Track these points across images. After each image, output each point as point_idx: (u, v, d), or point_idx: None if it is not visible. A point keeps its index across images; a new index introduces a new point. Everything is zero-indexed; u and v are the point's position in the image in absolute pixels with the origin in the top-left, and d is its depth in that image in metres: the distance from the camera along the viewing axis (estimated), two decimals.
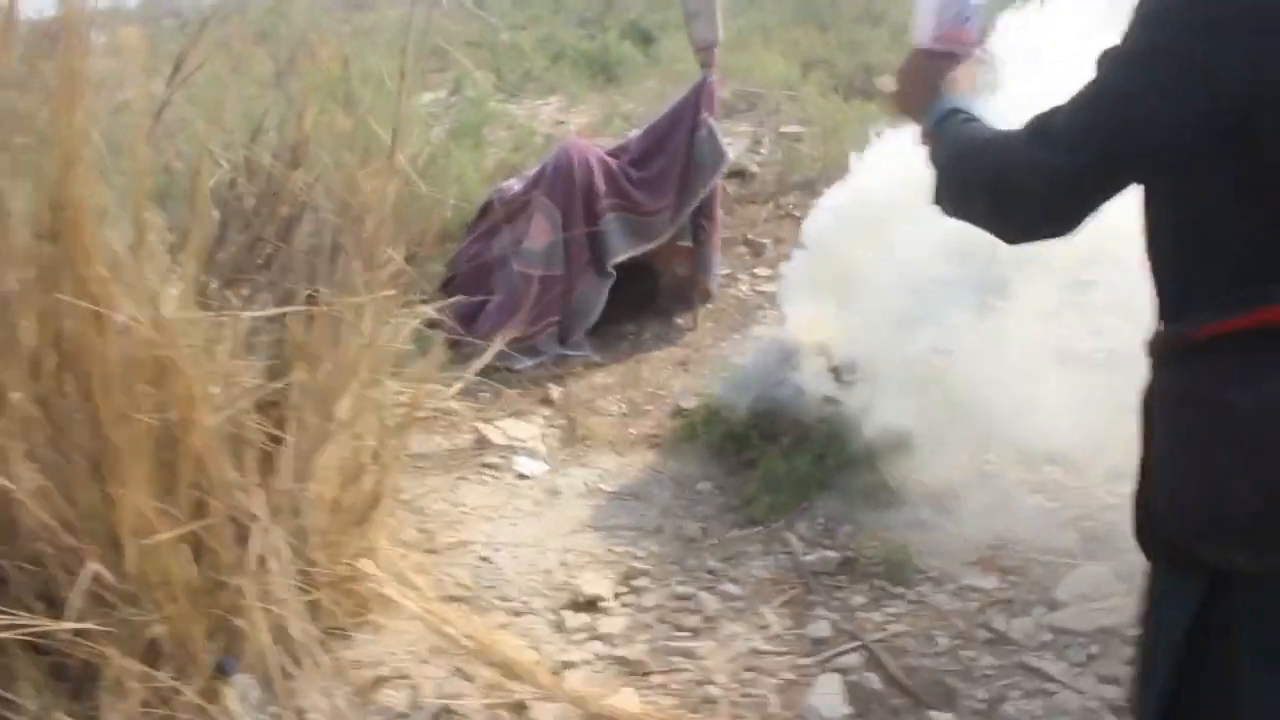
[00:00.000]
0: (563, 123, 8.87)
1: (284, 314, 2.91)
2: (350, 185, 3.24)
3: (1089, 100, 1.24)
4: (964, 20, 1.48)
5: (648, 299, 4.99)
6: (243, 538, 2.54)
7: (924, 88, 1.51)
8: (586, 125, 7.96)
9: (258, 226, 3.26)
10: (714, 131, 4.71)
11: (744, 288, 5.18)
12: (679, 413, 4.07)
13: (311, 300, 2.95)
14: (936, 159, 1.45)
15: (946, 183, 1.42)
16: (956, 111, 1.44)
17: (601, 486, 3.67)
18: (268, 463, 2.70)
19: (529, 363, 4.45)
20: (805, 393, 3.73)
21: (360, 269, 3.02)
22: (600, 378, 4.43)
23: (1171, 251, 1.29)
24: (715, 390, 4.07)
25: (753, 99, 7.88)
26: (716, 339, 4.72)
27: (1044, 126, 1.27)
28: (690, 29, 4.66)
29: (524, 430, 3.98)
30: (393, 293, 3.03)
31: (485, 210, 4.96)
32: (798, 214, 5.85)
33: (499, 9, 14.61)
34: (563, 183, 4.70)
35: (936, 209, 1.44)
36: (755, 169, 6.62)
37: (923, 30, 1.50)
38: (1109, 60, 1.23)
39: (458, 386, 3.86)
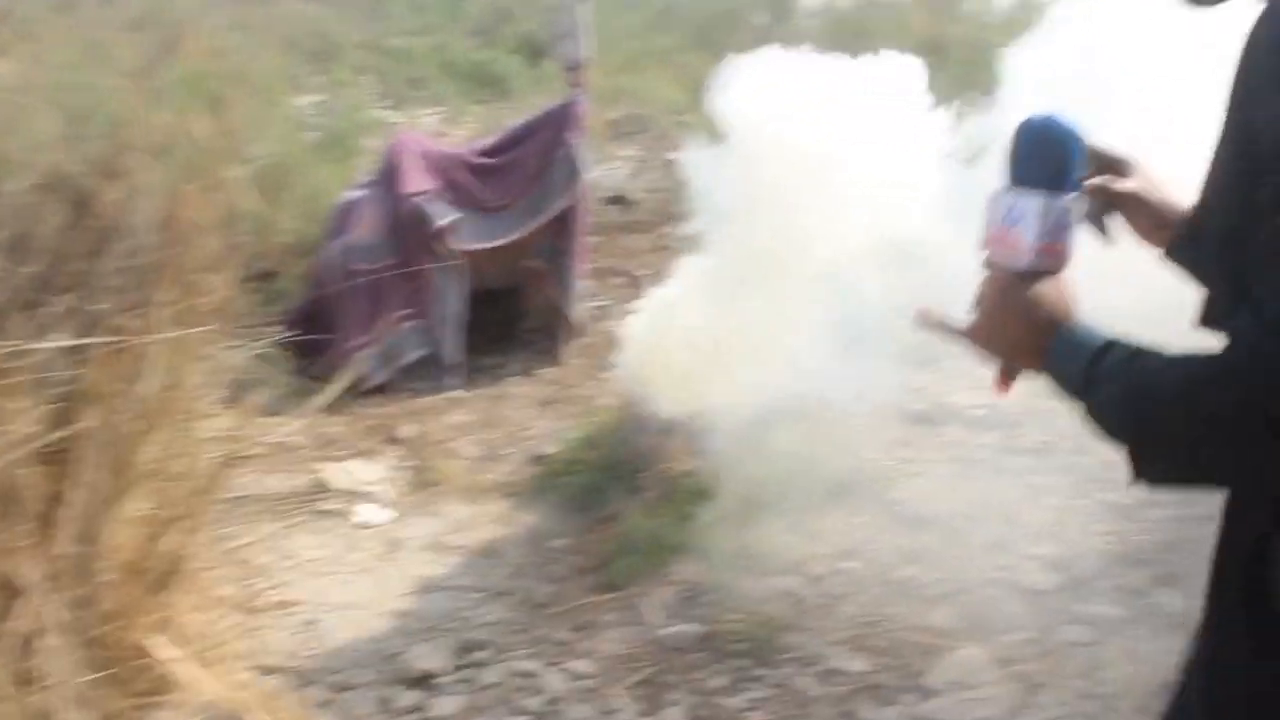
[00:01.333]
0: (444, 134, 8.56)
1: (82, 346, 2.57)
2: (175, 200, 2.92)
3: None
4: (1066, 226, 1.13)
5: (511, 329, 4.72)
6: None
7: (1029, 319, 1.12)
8: (465, 137, 7.66)
9: (62, 244, 2.90)
10: (574, 156, 4.49)
11: (617, 322, 4.92)
12: (538, 459, 3.80)
13: (117, 331, 2.62)
14: (1118, 420, 1.03)
15: (1164, 449, 1.01)
16: (1112, 344, 1.04)
17: (448, 540, 3.37)
18: (49, 521, 2.35)
19: (383, 375, 4.16)
20: (672, 444, 3.50)
21: (178, 296, 2.69)
22: (457, 415, 4.13)
23: None
24: (577, 436, 3.82)
25: (642, 123, 7.68)
26: (585, 377, 4.45)
27: (1263, 324, 0.91)
28: (558, 48, 4.46)
29: (369, 472, 3.66)
30: (214, 325, 2.71)
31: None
32: (677, 247, 5.65)
33: (395, 13, 14.25)
34: (389, 174, 4.54)
35: (1142, 482, 1.02)
36: (639, 196, 6.40)
37: (1008, 240, 1.14)
38: None
39: (296, 423, 3.55)
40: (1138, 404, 0.99)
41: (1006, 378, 1.17)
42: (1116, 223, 1.31)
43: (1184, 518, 3.05)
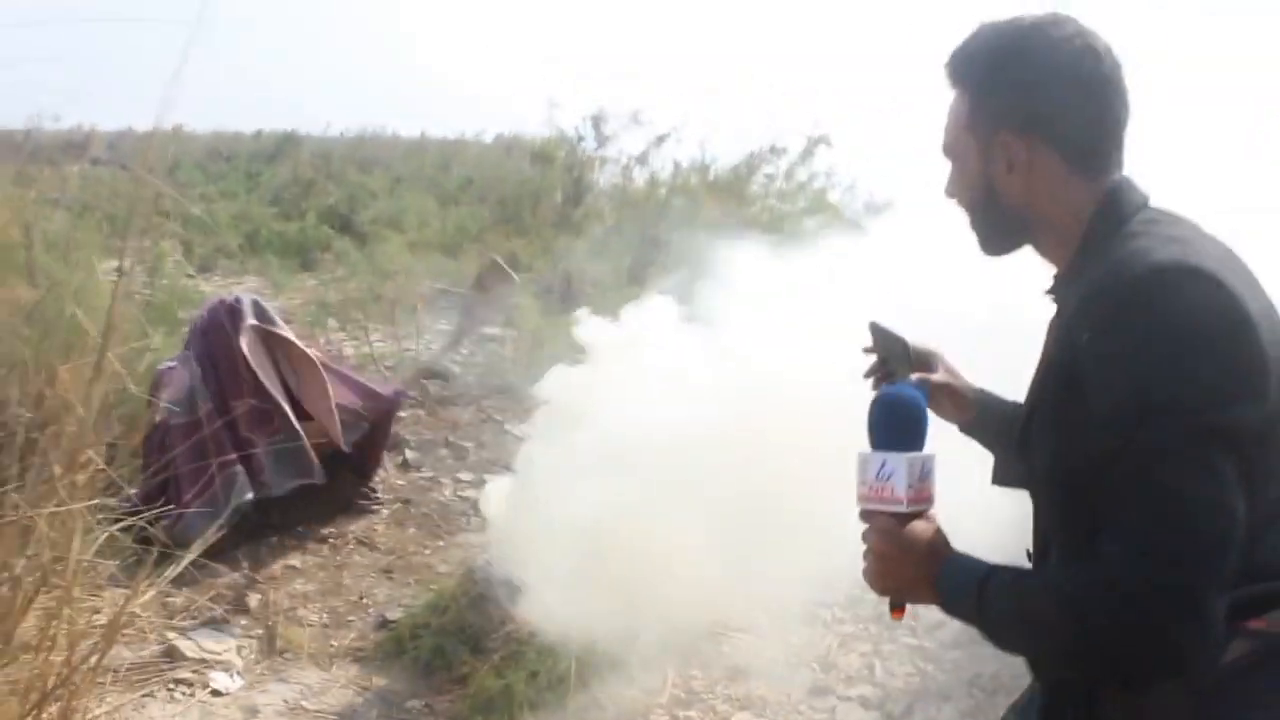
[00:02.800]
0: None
1: None
2: (50, 378, 3.04)
3: (1170, 500, 1.14)
4: (928, 474, 1.38)
5: (346, 501, 4.87)
6: None
7: (920, 555, 1.33)
8: (287, 310, 7.79)
9: None
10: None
11: (447, 492, 5.15)
12: (385, 624, 3.95)
13: None
14: (1014, 634, 1.28)
15: (1055, 654, 1.26)
16: (997, 569, 1.28)
17: (304, 704, 3.47)
18: None
19: (217, 525, 4.16)
20: (516, 605, 3.73)
21: (60, 472, 2.80)
22: (300, 584, 4.24)
23: None
24: (422, 602, 3.99)
25: (453, 299, 8.02)
26: (420, 545, 4.64)
27: (1147, 548, 1.13)
28: None
29: (219, 642, 3.72)
30: (94, 499, 2.82)
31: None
32: (499, 418, 5.96)
33: (189, 179, 14.22)
34: (201, 331, 4.61)
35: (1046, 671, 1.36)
36: (456, 370, 6.69)
37: (884, 493, 1.37)
38: (1155, 448, 1.15)
39: (148, 594, 3.60)
40: (1028, 621, 1.23)
41: (898, 609, 1.40)
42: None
43: (979, 656, 3.50)
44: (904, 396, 1.43)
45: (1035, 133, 1.34)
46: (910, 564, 1.34)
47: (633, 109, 10.65)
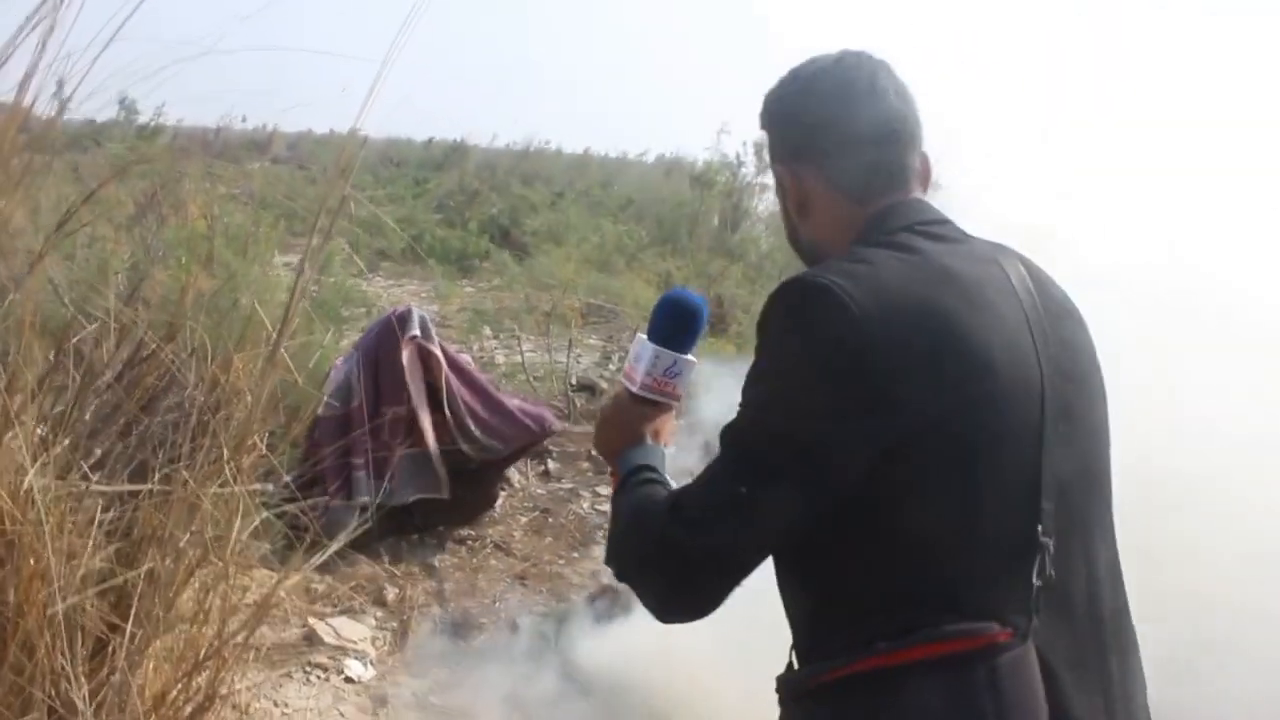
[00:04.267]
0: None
1: (139, 492, 2.81)
2: (225, 365, 3.21)
3: (715, 477, 1.26)
4: (675, 374, 1.50)
5: (488, 503, 4.99)
6: None
7: (625, 430, 1.49)
8: (445, 315, 8.05)
9: (119, 392, 3.17)
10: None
11: (585, 504, 5.23)
12: (516, 629, 4.03)
13: (167, 479, 2.86)
14: (615, 515, 1.42)
15: (612, 547, 1.39)
16: (645, 468, 1.42)
17: (432, 699, 3.57)
18: (101, 651, 2.55)
19: (363, 519, 4.27)
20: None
21: (226, 454, 2.95)
22: (436, 582, 4.36)
23: (801, 598, 1.34)
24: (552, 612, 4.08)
25: (606, 314, 8.14)
26: (555, 554, 4.72)
27: (679, 503, 1.27)
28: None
29: (355, 630, 3.86)
30: (256, 484, 2.97)
31: None
32: None
33: (359, 182, 14.79)
34: (373, 334, 4.73)
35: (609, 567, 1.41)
36: (604, 384, 6.79)
37: (632, 376, 1.51)
38: (730, 433, 1.27)
39: (295, 579, 3.76)
40: (622, 511, 1.39)
41: (613, 474, 1.51)
42: None
43: None
44: (682, 297, 1.54)
45: (803, 163, 1.42)
46: (615, 431, 1.50)
47: None
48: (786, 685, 1.32)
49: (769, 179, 11.14)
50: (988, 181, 3.68)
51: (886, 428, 1.18)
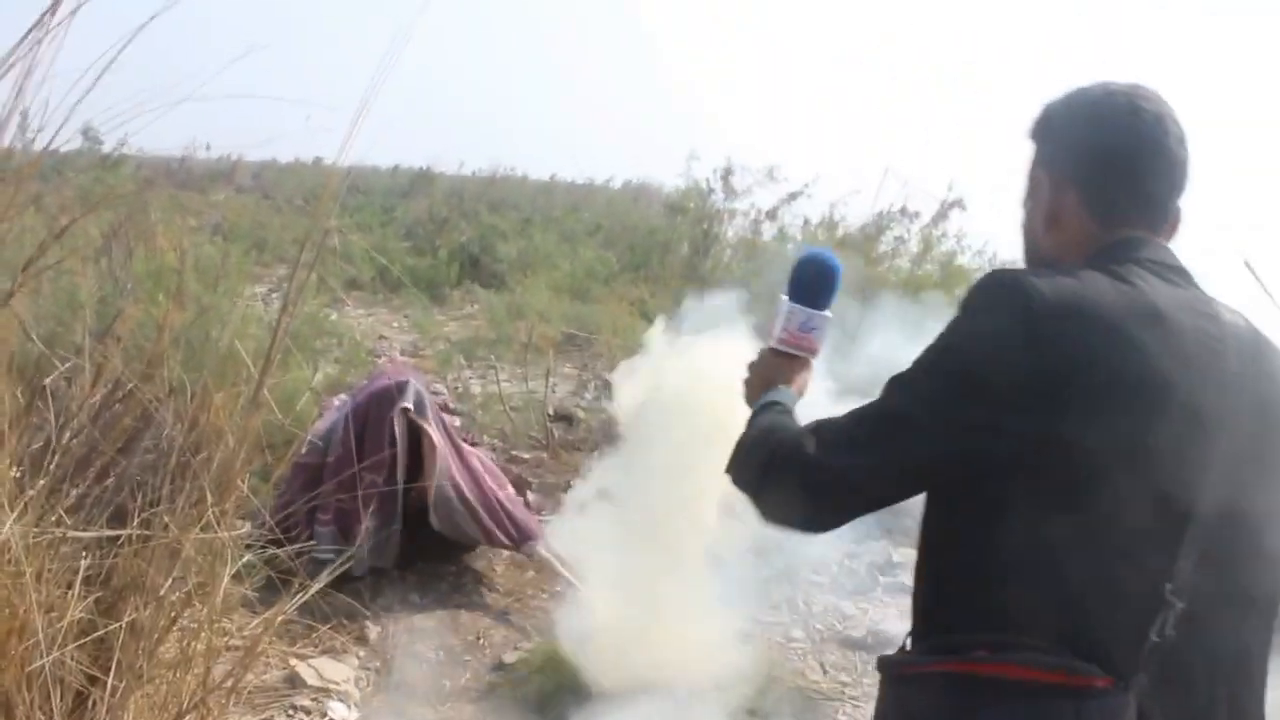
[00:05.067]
0: (384, 338, 8.85)
1: (118, 537, 2.74)
2: (204, 404, 3.14)
3: (868, 415, 1.35)
4: (810, 329, 1.62)
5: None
6: None
7: (764, 380, 1.63)
8: (417, 345, 7.98)
9: (95, 433, 3.09)
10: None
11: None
12: (500, 666, 3.97)
13: (147, 524, 2.79)
14: (745, 432, 1.54)
15: (736, 456, 1.51)
16: (776, 403, 1.56)
17: None
18: (81, 705, 2.48)
19: (345, 558, 4.17)
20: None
21: (209, 498, 2.88)
22: (419, 620, 4.28)
23: (926, 587, 1.38)
24: (536, 646, 4.01)
25: (580, 343, 8.09)
26: (538, 589, 4.66)
27: (823, 429, 1.37)
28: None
29: (338, 671, 3.78)
30: (241, 528, 2.91)
31: None
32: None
33: (327, 210, 14.67)
34: (367, 391, 4.66)
35: (726, 476, 1.52)
36: (581, 414, 6.74)
37: (770, 328, 1.66)
38: (893, 383, 1.35)
39: (274, 618, 3.68)
40: (749, 429, 1.52)
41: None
42: None
43: None
44: (817, 259, 1.66)
45: (1068, 182, 1.43)
46: (757, 382, 1.64)
47: (767, 165, 10.65)
48: (889, 666, 1.37)
49: (739, 205, 11.16)
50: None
51: (1021, 425, 1.21)
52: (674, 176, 11.68)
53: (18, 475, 2.70)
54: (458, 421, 5.53)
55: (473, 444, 5.08)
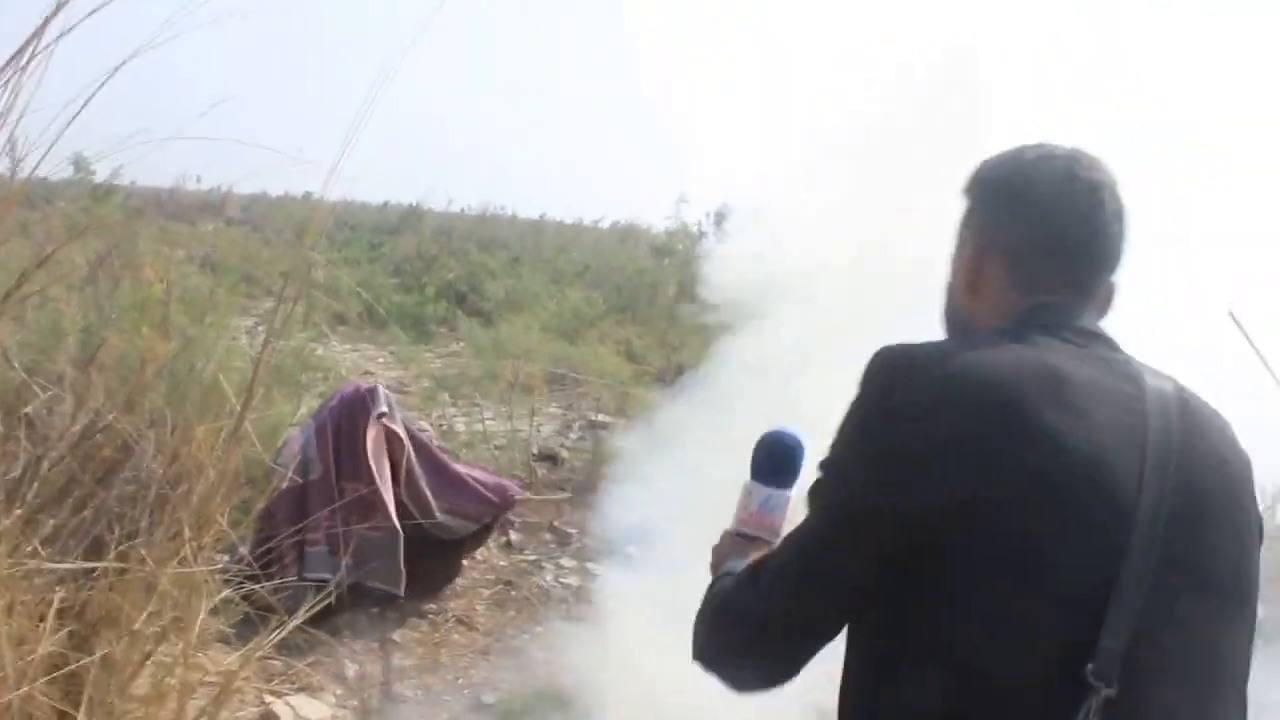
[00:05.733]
0: (369, 373, 8.81)
1: (94, 570, 2.71)
2: (185, 437, 3.12)
3: (785, 542, 1.30)
4: (771, 509, 1.57)
5: (450, 576, 4.88)
6: None
7: (717, 560, 1.54)
8: (403, 382, 7.95)
9: (73, 464, 3.06)
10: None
11: (549, 577, 5.13)
12: (480, 706, 3.92)
13: (124, 557, 2.76)
14: (700, 608, 1.42)
15: (694, 627, 1.39)
16: (728, 574, 1.41)
17: None
18: None
19: (324, 595, 4.11)
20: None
21: (188, 532, 2.85)
22: (398, 658, 4.23)
23: (851, 674, 1.28)
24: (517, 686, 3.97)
25: (566, 382, 8.08)
26: (519, 628, 4.62)
27: (755, 572, 1.31)
28: None
29: (315, 709, 3.72)
30: (218, 564, 2.87)
31: None
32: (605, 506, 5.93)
33: (313, 244, 14.67)
34: (335, 407, 4.61)
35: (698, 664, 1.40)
36: (565, 454, 6.71)
37: (734, 511, 1.59)
38: (812, 494, 1.28)
39: (249, 655, 3.63)
40: (702, 605, 1.40)
41: None
42: None
43: None
44: (774, 439, 1.60)
45: (994, 250, 1.37)
46: (716, 563, 1.52)
47: (753, 207, 10.68)
48: None
49: (729, 249, 11.19)
50: None
51: (920, 504, 1.15)
52: (663, 219, 11.72)
53: None
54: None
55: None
